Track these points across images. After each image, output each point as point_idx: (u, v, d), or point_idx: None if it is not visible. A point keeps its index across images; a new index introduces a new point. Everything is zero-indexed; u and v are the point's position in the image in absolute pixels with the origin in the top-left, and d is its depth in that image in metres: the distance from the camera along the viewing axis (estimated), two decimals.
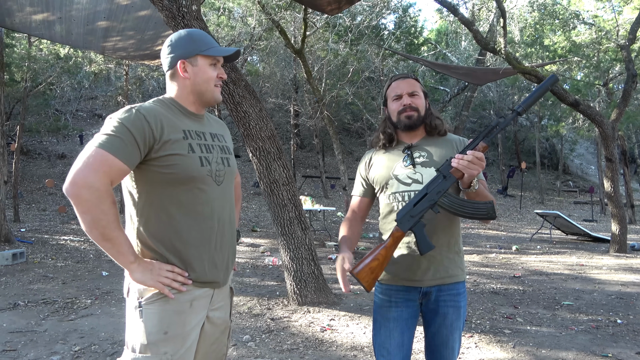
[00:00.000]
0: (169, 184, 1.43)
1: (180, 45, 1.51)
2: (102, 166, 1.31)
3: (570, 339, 3.67)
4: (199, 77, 1.51)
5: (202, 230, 1.47)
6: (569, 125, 17.90)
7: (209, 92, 1.53)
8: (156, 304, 1.41)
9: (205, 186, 1.47)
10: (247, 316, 4.19)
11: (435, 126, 1.81)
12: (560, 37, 14.79)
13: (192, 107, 1.55)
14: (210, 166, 1.49)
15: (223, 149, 1.59)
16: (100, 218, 1.31)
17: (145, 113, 1.40)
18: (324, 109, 10.28)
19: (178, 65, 1.50)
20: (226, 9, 13.04)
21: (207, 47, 1.51)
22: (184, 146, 1.44)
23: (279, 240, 4.54)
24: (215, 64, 1.54)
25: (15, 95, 12.56)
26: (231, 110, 4.37)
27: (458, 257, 1.80)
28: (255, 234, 9.59)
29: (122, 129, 1.35)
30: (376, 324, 1.82)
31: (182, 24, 4.05)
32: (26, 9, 6.42)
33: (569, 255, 7.81)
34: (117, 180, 1.36)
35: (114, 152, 1.32)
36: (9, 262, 6.28)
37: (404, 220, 1.63)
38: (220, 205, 1.53)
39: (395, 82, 1.83)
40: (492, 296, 4.99)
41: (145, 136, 1.37)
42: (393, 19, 16.73)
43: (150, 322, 1.41)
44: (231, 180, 1.60)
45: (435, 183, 1.63)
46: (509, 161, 21.72)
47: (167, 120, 1.44)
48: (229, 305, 1.64)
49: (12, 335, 3.69)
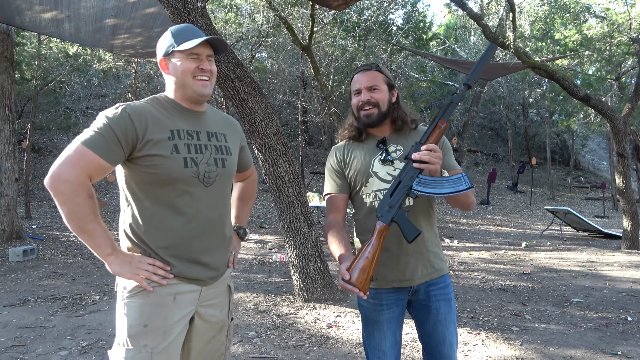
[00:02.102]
0: (153, 184, 1.44)
1: (162, 43, 1.52)
2: (80, 161, 1.34)
3: (579, 336, 3.62)
4: (176, 71, 1.49)
5: (184, 230, 1.47)
6: (580, 121, 17.67)
7: (188, 86, 1.49)
8: (138, 296, 1.43)
9: (190, 187, 1.46)
10: (253, 312, 4.20)
11: (402, 121, 1.75)
12: (571, 31, 14.58)
13: (185, 104, 1.54)
14: (197, 167, 1.47)
15: (220, 149, 1.56)
16: (76, 211, 1.34)
17: (131, 112, 1.41)
18: (332, 105, 10.24)
19: (159, 64, 1.53)
20: (234, 6, 13.04)
21: (182, 41, 1.48)
22: (168, 147, 1.43)
23: (285, 236, 4.54)
24: (196, 57, 1.49)
25: (26, 93, 12.70)
26: (237, 107, 4.36)
27: (439, 249, 1.80)
28: (264, 230, 9.61)
29: (106, 127, 1.38)
30: (368, 328, 1.77)
31: (187, 21, 4.05)
32: (35, 7, 6.47)
33: (579, 252, 7.72)
34: (96, 176, 1.39)
35: (93, 148, 1.36)
36: (20, 258, 6.35)
37: (384, 212, 1.58)
38: (208, 206, 1.51)
39: (357, 75, 1.74)
40: (501, 293, 4.95)
41: (128, 135, 1.39)
42: (401, 14, 16.61)
43: (131, 314, 1.42)
44: (225, 181, 1.57)
45: (406, 169, 1.58)
46: (519, 157, 21.51)
47: (153, 119, 1.44)
48: (226, 303, 1.62)
49: (22, 330, 3.74)
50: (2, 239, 7.29)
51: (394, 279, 1.72)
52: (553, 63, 12.03)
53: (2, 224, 7.39)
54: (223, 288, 1.61)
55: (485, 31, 7.74)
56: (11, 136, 7.63)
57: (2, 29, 7.53)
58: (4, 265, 6.13)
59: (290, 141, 16.92)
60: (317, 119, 13.67)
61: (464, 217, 12.55)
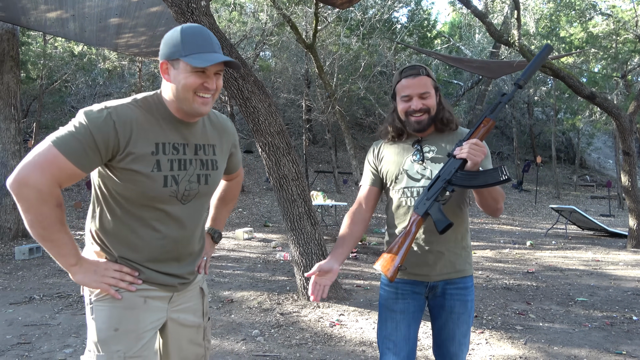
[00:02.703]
0: (127, 196, 1.35)
1: (168, 43, 1.34)
2: (51, 167, 1.22)
3: (583, 335, 3.61)
4: (177, 82, 1.33)
5: (153, 245, 1.39)
6: (585, 119, 17.56)
7: (187, 102, 1.34)
8: (106, 300, 1.36)
9: (166, 206, 1.37)
10: (256, 311, 4.21)
11: (446, 122, 1.76)
12: (576, 29, 14.50)
13: (179, 114, 1.39)
14: (177, 186, 1.37)
15: (205, 164, 1.45)
16: (40, 220, 1.25)
17: (117, 119, 1.28)
18: (336, 104, 10.24)
19: (160, 65, 1.36)
20: (237, 5, 13.06)
21: (191, 51, 1.30)
22: (150, 163, 1.32)
23: (288, 235, 4.54)
24: (204, 71, 1.32)
25: (31, 92, 12.78)
26: (240, 106, 4.37)
27: (465, 252, 1.78)
28: (267, 229, 9.63)
29: (86, 131, 1.25)
30: (382, 317, 1.79)
31: (191, 20, 4.06)
32: (40, 7, 6.51)
33: (584, 251, 7.68)
34: (66, 183, 1.27)
35: (67, 154, 1.23)
36: (25, 256, 6.40)
37: (420, 204, 1.62)
38: (181, 223, 1.42)
39: (406, 80, 1.71)
40: (505, 292, 4.94)
41: (109, 144, 1.27)
42: (405, 12, 16.58)
43: (100, 319, 1.36)
44: (204, 198, 1.49)
45: (447, 165, 1.62)
46: (524, 155, 21.43)
47: (139, 129, 1.31)
48: (199, 306, 1.56)
49: (27, 328, 3.76)
50: (9, 237, 7.35)
51: (410, 270, 1.74)
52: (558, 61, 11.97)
53: (8, 222, 7.45)
54: (195, 292, 1.56)
55: (490, 29, 7.71)
56: (17, 135, 7.69)
57: (8, 28, 7.58)
58: (10, 264, 6.17)
59: (294, 140, 16.92)
60: (321, 118, 13.66)
61: (469, 215, 12.52)
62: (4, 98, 7.58)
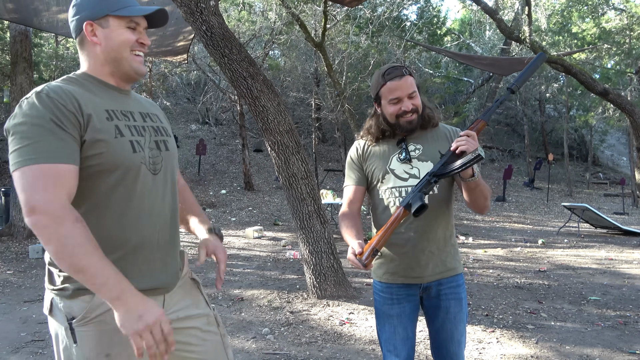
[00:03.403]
0: (95, 178, 1.17)
1: (86, 4, 1.24)
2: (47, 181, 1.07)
3: (596, 335, 3.57)
4: (111, 41, 1.23)
5: (140, 229, 1.23)
6: (598, 115, 17.35)
7: (125, 61, 1.25)
8: (91, 324, 1.17)
9: (139, 176, 1.22)
10: (266, 309, 4.23)
11: (428, 119, 1.76)
12: (589, 24, 14.32)
13: (112, 80, 1.29)
14: (143, 152, 1.24)
15: (158, 131, 1.33)
16: (64, 245, 1.06)
17: (55, 95, 1.13)
18: (345, 102, 10.23)
19: (84, 27, 1.23)
20: (246, 4, 13.09)
21: (120, 5, 1.24)
22: (110, 129, 1.18)
23: (298, 234, 4.55)
24: (135, 27, 1.26)
25: None
26: (249, 105, 4.39)
27: (454, 249, 1.80)
28: (277, 227, 9.65)
29: (44, 127, 1.09)
30: (380, 321, 1.81)
31: (200, 20, 4.08)
32: (52, 8, 6.58)
33: (597, 249, 7.59)
34: (72, 189, 1.12)
35: (54, 159, 1.09)
36: (39, 255, 6.49)
37: (405, 199, 1.61)
38: (159, 197, 1.28)
39: (392, 83, 1.68)
40: (516, 291, 4.90)
41: (71, 120, 1.13)
42: (415, 9, 16.50)
43: (87, 346, 1.16)
44: (172, 166, 1.36)
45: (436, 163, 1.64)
46: (535, 153, 21.21)
47: (83, 98, 1.17)
48: (198, 297, 1.43)
49: (41, 325, 3.82)
50: (23, 237, 7.46)
51: (403, 274, 1.75)
52: (570, 57, 11.83)
53: (22, 221, 7.55)
54: (188, 285, 1.43)
55: (500, 26, 7.65)
56: None
57: (21, 30, 7.68)
58: (24, 262, 6.26)
59: (304, 138, 16.94)
60: (330, 116, 13.65)
61: (474, 215, 12.44)
62: (17, 99, 7.69)
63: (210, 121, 17.83)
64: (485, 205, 1.70)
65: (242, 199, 12.40)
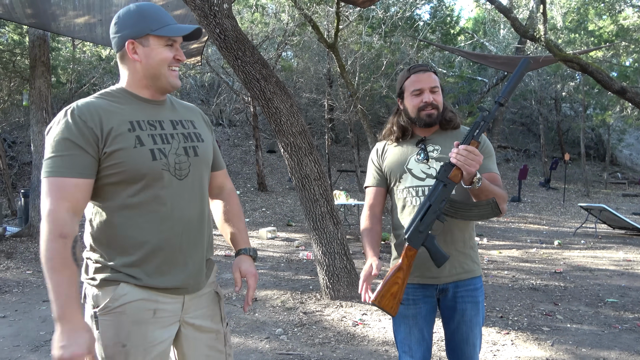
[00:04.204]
0: (117, 184, 1.28)
1: (128, 23, 1.33)
2: (60, 194, 1.21)
3: (613, 337, 3.52)
4: (151, 59, 1.33)
5: (160, 232, 1.30)
6: (616, 114, 17.05)
7: (163, 77, 1.35)
8: (111, 314, 1.27)
9: (162, 182, 1.30)
10: (280, 309, 4.25)
11: (449, 120, 1.78)
12: (606, 21, 14.09)
13: (146, 93, 1.38)
14: (166, 159, 1.31)
15: (188, 137, 1.40)
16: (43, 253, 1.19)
17: (79, 113, 1.26)
18: (358, 103, 10.22)
19: (126, 45, 1.33)
20: (259, 6, 13.16)
21: (159, 25, 1.33)
22: (130, 139, 1.28)
23: (311, 234, 4.56)
24: (172, 44, 1.35)
25: (61, 96, 13.15)
26: (263, 107, 4.41)
27: (473, 252, 1.79)
28: (290, 228, 9.68)
29: (61, 144, 1.23)
30: (396, 321, 1.83)
31: (213, 23, 4.12)
32: (69, 12, 6.71)
33: (615, 251, 7.47)
34: (83, 201, 1.25)
35: (64, 173, 1.22)
36: None
37: (414, 236, 1.61)
38: (184, 201, 1.35)
39: (416, 76, 1.76)
40: (531, 292, 4.85)
41: (89, 137, 1.24)
42: (428, 9, 16.41)
43: (106, 334, 1.26)
44: (201, 171, 1.42)
45: (436, 192, 1.60)
46: (551, 152, 20.92)
47: (107, 113, 1.28)
48: (217, 311, 1.48)
49: None
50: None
51: (418, 274, 1.75)
52: (587, 55, 11.66)
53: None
54: (210, 296, 1.47)
55: (515, 24, 7.57)
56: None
57: (39, 35, 7.83)
58: None
59: (317, 139, 16.95)
60: (343, 117, 13.65)
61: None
62: (36, 102, 7.84)
63: (224, 122, 17.96)
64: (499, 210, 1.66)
65: (255, 199, 12.47)
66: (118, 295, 1.27)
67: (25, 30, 9.50)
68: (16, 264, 6.21)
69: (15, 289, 5.04)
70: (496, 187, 1.65)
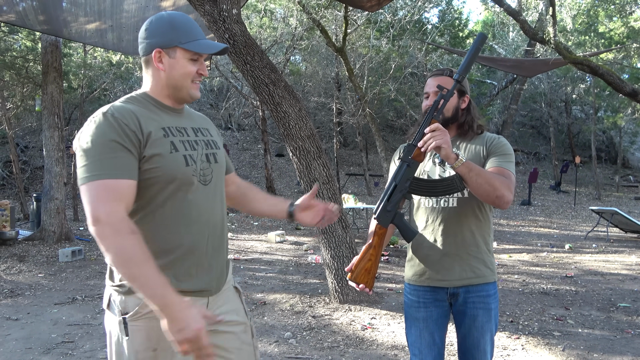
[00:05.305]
0: (152, 188, 1.29)
1: (159, 31, 1.34)
2: (109, 195, 1.19)
3: (625, 342, 3.47)
4: (175, 70, 1.35)
5: (189, 235, 1.34)
6: (628, 117, 16.84)
7: (184, 89, 1.38)
8: (143, 319, 1.27)
9: (191, 188, 1.34)
10: (289, 313, 4.25)
11: (468, 126, 1.77)
12: (616, 23, 13.96)
13: (168, 102, 1.41)
14: (195, 165, 1.35)
15: (209, 144, 1.45)
16: (120, 254, 1.18)
17: (119, 115, 1.26)
18: (366, 106, 10.23)
19: (153, 53, 1.34)
20: (268, 11, 13.23)
21: (188, 39, 1.34)
22: (166, 145, 1.30)
23: (320, 238, 4.57)
24: (197, 58, 1.37)
25: (73, 101, 13.31)
26: (271, 111, 4.44)
27: (487, 257, 1.76)
28: (299, 232, 9.69)
29: (108, 146, 1.22)
30: (407, 323, 1.83)
31: (222, 28, 4.15)
32: (80, 19, 6.80)
33: (627, 255, 7.37)
34: (131, 202, 1.25)
35: (114, 175, 1.21)
36: (68, 258, 6.67)
37: (382, 215, 1.64)
38: (209, 206, 1.39)
39: (429, 79, 1.80)
40: (542, 297, 4.80)
41: (131, 139, 1.25)
42: (436, 12, 16.39)
43: (137, 340, 1.27)
44: (220, 179, 1.47)
45: (401, 172, 1.62)
46: (562, 155, 20.72)
47: (143, 118, 1.30)
48: (238, 305, 1.52)
49: (70, 327, 3.93)
50: (53, 240, 7.68)
51: (428, 276, 1.76)
52: (597, 57, 11.57)
53: (52, 226, 7.78)
54: (230, 292, 1.51)
55: (524, 27, 7.52)
56: (60, 142, 8.03)
57: (52, 41, 7.94)
58: (54, 265, 6.45)
59: (325, 143, 16.97)
60: (351, 121, 13.66)
61: (504, 218, 12.22)
62: (48, 107, 7.94)
63: (233, 127, 18.05)
64: (496, 195, 1.56)
65: None
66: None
67: (38, 36, 9.64)
68: (28, 267, 6.29)
69: (27, 292, 5.10)
70: (491, 173, 1.60)
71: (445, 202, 1.73)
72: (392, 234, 1.86)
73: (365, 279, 1.63)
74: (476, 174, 1.55)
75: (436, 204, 1.75)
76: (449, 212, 1.72)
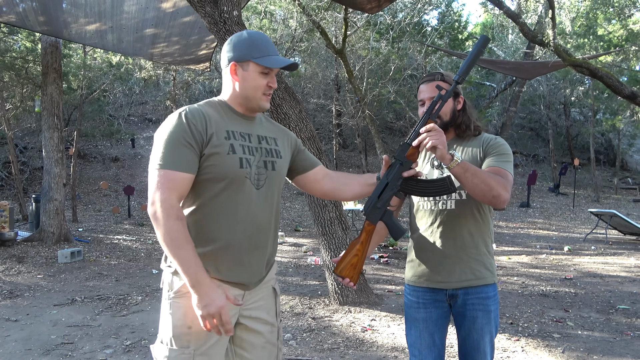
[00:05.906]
0: (206, 183, 1.44)
1: (237, 46, 1.51)
2: (169, 184, 1.37)
3: (625, 344, 3.48)
4: (247, 82, 1.51)
5: (233, 231, 1.46)
6: (626, 119, 16.89)
7: (255, 100, 1.53)
8: (184, 298, 1.42)
9: (242, 188, 1.47)
10: (289, 315, 4.25)
11: (465, 127, 1.78)
12: (615, 26, 14.00)
13: (240, 109, 1.56)
14: (250, 168, 1.48)
15: (269, 152, 1.57)
16: (168, 233, 1.35)
17: (190, 116, 1.43)
18: (366, 108, 10.23)
19: (230, 66, 1.52)
20: (268, 12, 13.25)
21: (261, 54, 1.49)
22: (226, 146, 1.45)
23: (319, 240, 4.57)
24: (268, 72, 1.52)
25: (72, 102, 13.29)
26: (271, 112, 4.44)
27: (487, 259, 1.76)
28: (298, 233, 9.69)
29: (174, 141, 1.40)
30: (407, 324, 1.84)
31: (223, 30, 4.16)
32: (80, 20, 6.80)
33: (626, 257, 7.39)
34: (186, 191, 1.42)
35: (175, 167, 1.38)
36: (67, 260, 6.67)
37: (372, 212, 1.65)
38: (257, 208, 1.50)
39: (421, 86, 1.79)
40: (541, 299, 4.81)
41: (196, 138, 1.41)
42: (436, 14, 16.41)
43: (176, 315, 1.43)
44: (275, 185, 1.58)
45: (393, 171, 1.63)
46: (560, 158, 20.74)
47: (211, 120, 1.46)
48: (272, 305, 1.62)
49: (70, 328, 3.93)
50: (52, 242, 7.67)
51: (427, 277, 1.76)
52: (596, 60, 11.59)
53: (52, 227, 7.78)
54: (268, 291, 1.61)
55: (523, 29, 7.54)
56: (59, 143, 8.03)
57: (52, 42, 7.94)
58: (53, 266, 6.44)
59: (325, 144, 16.97)
60: (351, 122, 13.67)
61: (503, 220, 12.23)
62: (48, 108, 7.94)
63: None
64: (492, 195, 1.54)
65: None
66: None
67: (38, 37, 9.64)
68: (27, 268, 6.28)
69: (26, 293, 5.10)
70: (487, 173, 1.59)
71: (443, 204, 1.73)
72: (384, 235, 1.86)
73: (350, 273, 1.65)
74: (472, 174, 1.54)
75: (434, 206, 1.75)
76: (448, 214, 1.73)
